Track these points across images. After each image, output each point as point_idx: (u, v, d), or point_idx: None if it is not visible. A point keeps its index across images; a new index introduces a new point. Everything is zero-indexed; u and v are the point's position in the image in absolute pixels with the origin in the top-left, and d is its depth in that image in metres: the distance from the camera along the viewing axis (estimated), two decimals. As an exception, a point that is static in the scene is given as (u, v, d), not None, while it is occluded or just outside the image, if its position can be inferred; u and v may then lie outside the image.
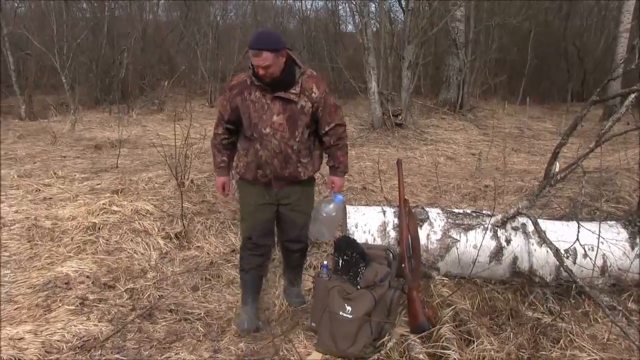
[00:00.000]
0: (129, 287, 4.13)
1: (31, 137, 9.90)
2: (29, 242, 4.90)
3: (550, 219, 3.96)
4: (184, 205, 5.54)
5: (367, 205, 4.48)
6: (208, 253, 4.80)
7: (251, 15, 22.47)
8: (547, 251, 3.49)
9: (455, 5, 12.96)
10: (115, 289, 4.10)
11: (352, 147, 9.44)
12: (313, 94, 3.24)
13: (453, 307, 3.35)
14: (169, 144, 9.41)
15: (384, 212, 3.82)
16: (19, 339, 3.34)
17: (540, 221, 3.60)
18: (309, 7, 22.19)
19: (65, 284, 4.13)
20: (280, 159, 3.28)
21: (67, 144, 9.20)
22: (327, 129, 3.35)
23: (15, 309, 3.74)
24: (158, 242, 4.88)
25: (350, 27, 23.03)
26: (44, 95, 15.17)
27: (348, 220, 3.77)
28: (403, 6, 12.58)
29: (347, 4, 16.79)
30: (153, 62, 17.92)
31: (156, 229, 5.13)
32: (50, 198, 6.05)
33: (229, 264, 4.53)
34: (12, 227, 5.18)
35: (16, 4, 21.13)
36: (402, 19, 13.86)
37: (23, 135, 9.92)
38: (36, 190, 6.27)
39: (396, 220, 3.75)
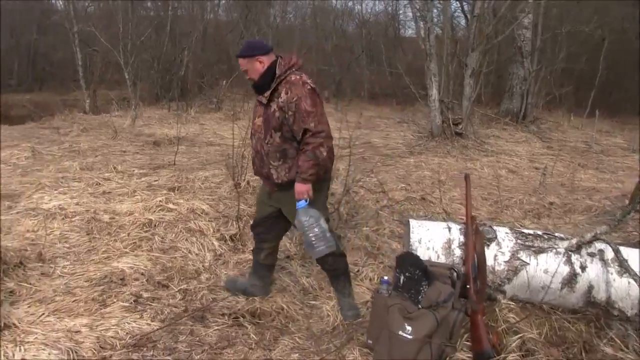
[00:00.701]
0: (182, 287, 4.09)
1: (94, 130, 10.11)
2: (87, 234, 4.94)
3: (629, 246, 3.70)
4: (240, 207, 5.50)
5: (431, 220, 4.32)
6: (262, 257, 4.71)
7: (310, 17, 22.53)
8: (629, 282, 3.25)
9: (522, 12, 12.59)
10: (169, 289, 4.06)
11: (410, 155, 9.25)
12: (280, 99, 3.31)
13: (520, 335, 3.16)
14: (226, 144, 9.46)
15: (449, 229, 3.65)
16: (76, 332, 3.35)
17: (620, 248, 3.36)
18: (369, 10, 21.99)
19: (121, 279, 4.13)
20: (258, 159, 3.55)
21: (127, 139, 9.35)
22: (299, 134, 3.31)
23: (74, 301, 3.74)
24: (213, 243, 4.83)
25: (409, 32, 22.83)
26: (106, 90, 15.53)
27: (411, 235, 3.62)
28: (467, 12, 12.28)
29: (409, 9, 16.69)
30: (212, 61, 18.16)
31: (211, 230, 5.09)
32: (109, 192, 6.11)
33: (283, 271, 4.43)
34: (73, 219, 5.23)
35: (86, 3, 21.86)
36: (466, 24, 13.62)
37: (86, 129, 10.15)
38: (96, 184, 6.34)
39: (462, 238, 3.57)
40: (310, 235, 3.32)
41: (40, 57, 25.56)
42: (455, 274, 3.33)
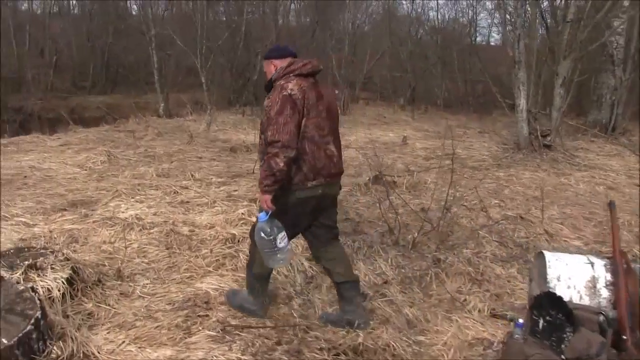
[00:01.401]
0: (273, 314, 3.66)
1: (168, 134, 9.93)
2: (167, 249, 4.60)
3: None
4: (326, 223, 5.05)
5: (564, 252, 3.74)
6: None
7: (384, 22, 22.03)
8: None
9: (617, 18, 11.69)
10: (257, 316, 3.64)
11: (499, 168, 8.60)
12: (265, 103, 3.27)
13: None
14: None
15: (592, 264, 3.08)
16: (160, 365, 2.97)
17: None
18: (445, 17, 21.16)
19: (205, 302, 3.74)
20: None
21: (202, 145, 9.09)
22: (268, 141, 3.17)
23: (156, 327, 3.38)
24: (302, 263, 4.39)
25: (482, 39, 22.04)
26: (178, 94, 15.48)
27: (548, 271, 3.07)
28: (559, 18, 11.49)
29: (496, 14, 15.94)
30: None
31: (300, 248, 4.65)
32: (188, 202, 5.78)
33: (383, 299, 3.94)
34: (151, 231, 4.92)
35: (160, 9, 22.09)
36: (546, 32, 12.81)
37: (161, 133, 9.98)
38: (174, 192, 6.04)
39: (609, 276, 3.00)
40: (264, 249, 3.24)
41: (114, 60, 26.03)
42: (604, 319, 2.76)
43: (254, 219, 5.23)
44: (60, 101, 23.04)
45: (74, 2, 30.43)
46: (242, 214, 5.29)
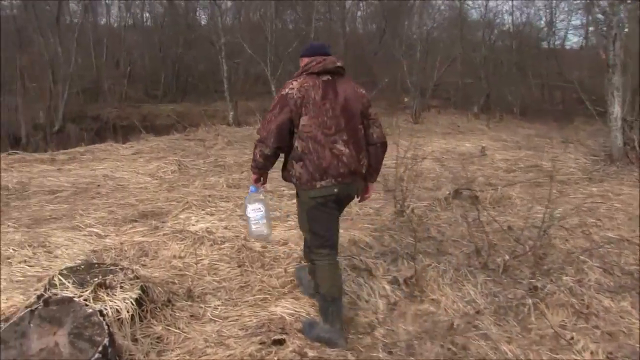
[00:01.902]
0: (354, 344, 3.31)
1: (238, 143, 9.79)
2: (239, 266, 4.34)
3: None
4: (407, 240, 4.69)
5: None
6: (446, 310, 3.83)
7: (456, 28, 21.43)
8: None
9: None
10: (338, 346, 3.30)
11: (590, 183, 7.94)
12: None
13: None
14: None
15: None
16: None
17: None
18: (519, 19, 20.27)
19: (281, 328, 3.43)
20: None
21: None
22: None
23: (228, 356, 3.10)
24: (384, 287, 4.02)
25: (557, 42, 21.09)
26: (247, 102, 15.44)
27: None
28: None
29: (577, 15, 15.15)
30: (353, 74, 17.61)
31: (381, 270, 4.30)
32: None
33: (476, 331, 3.52)
34: (222, 246, 4.68)
35: (228, 18, 22.28)
36: None
37: (231, 142, 9.85)
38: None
39: None
40: (252, 220, 3.52)
41: (184, 69, 26.53)
42: None
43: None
44: (134, 109, 23.61)
45: (147, 14, 31.23)
46: (317, 229, 4.98)
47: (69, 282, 3.15)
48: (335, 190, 3.18)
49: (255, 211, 3.50)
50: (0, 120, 14.21)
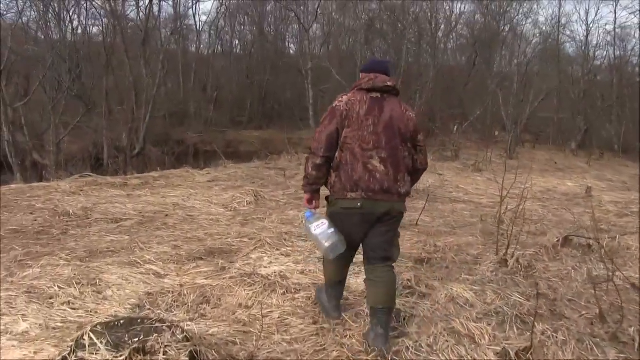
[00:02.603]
0: None
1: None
2: (314, 323, 3.61)
3: None
4: (514, 298, 3.84)
5: None
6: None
7: (554, 61, 20.19)
8: None
9: None
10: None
11: None
12: None
13: None
14: (473, 201, 7.82)
15: None
16: None
17: None
18: (614, 53, 18.64)
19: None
20: None
21: None
22: None
23: None
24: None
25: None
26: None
27: None
28: None
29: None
30: (442, 105, 16.78)
31: (486, 337, 3.44)
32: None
33: None
34: (296, 296, 3.97)
35: (317, 45, 22.09)
36: None
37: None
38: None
39: None
40: (317, 241, 3.35)
41: (270, 96, 26.58)
42: None
43: (423, 289, 4.17)
44: (218, 135, 23.77)
45: (237, 42, 31.76)
46: (408, 280, 4.21)
47: (101, 343, 2.53)
48: (359, 204, 3.21)
49: (319, 227, 3.32)
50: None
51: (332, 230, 3.28)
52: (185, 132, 23.42)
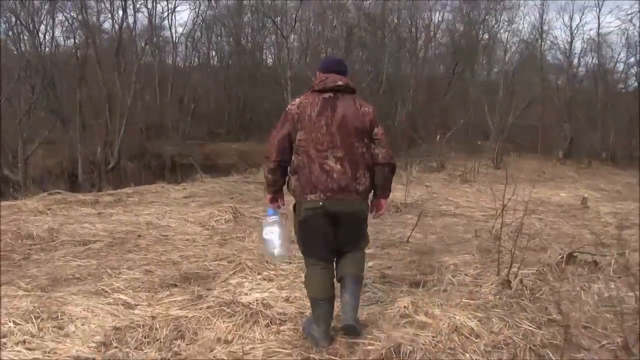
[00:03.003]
0: None
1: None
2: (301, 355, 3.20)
3: None
4: (523, 326, 3.48)
5: None
6: None
7: (533, 70, 20.09)
8: None
9: None
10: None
11: None
12: None
13: None
14: (464, 214, 7.46)
15: None
16: None
17: None
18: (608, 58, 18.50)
19: None
20: None
21: None
22: None
23: None
24: None
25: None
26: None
27: None
28: None
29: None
30: (425, 115, 16.53)
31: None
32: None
33: None
34: (282, 328, 3.56)
35: (296, 57, 21.76)
36: None
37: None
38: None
39: None
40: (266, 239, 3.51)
41: (248, 108, 26.23)
42: None
43: (422, 317, 3.77)
44: (195, 147, 23.25)
45: (213, 53, 31.34)
46: (405, 307, 3.81)
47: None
48: (321, 204, 3.23)
49: (269, 233, 3.48)
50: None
51: (280, 241, 3.46)
52: (162, 145, 22.87)
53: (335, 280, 3.43)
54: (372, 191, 3.43)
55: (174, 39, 29.60)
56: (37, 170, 18.75)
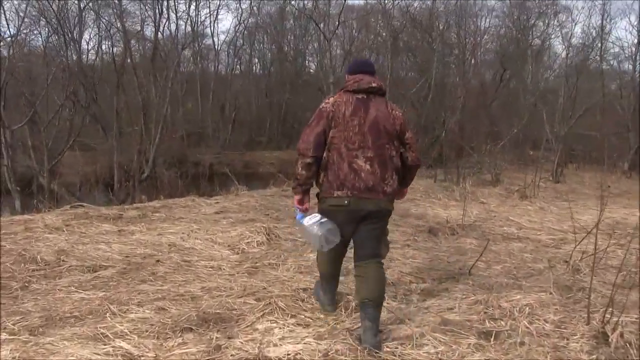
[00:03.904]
0: None
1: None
2: None
3: None
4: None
5: None
6: None
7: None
8: None
9: None
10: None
11: None
12: None
13: None
14: (530, 238, 6.52)
15: None
16: None
17: None
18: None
19: None
20: None
21: (391, 221, 6.85)
22: None
23: None
24: None
25: None
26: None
27: None
28: None
29: None
30: (475, 124, 15.52)
31: None
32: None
33: None
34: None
35: (339, 63, 21.06)
36: None
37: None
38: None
39: None
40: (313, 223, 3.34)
41: (290, 115, 25.76)
42: None
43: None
44: (236, 156, 22.80)
45: (256, 60, 30.97)
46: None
47: None
48: (346, 202, 3.27)
49: (312, 219, 3.37)
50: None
51: (325, 220, 3.31)
52: (201, 153, 22.54)
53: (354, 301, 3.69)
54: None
55: (216, 47, 29.38)
56: (77, 178, 18.55)
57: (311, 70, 28.93)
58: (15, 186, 11.44)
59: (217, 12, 34.56)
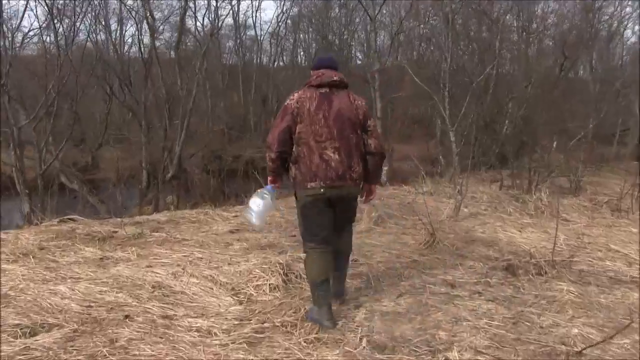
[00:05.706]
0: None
1: (392, 220, 6.39)
2: None
3: None
4: None
5: None
6: None
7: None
8: None
9: None
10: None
11: None
12: None
13: None
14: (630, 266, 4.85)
15: None
16: None
17: None
18: None
19: None
20: None
21: (450, 250, 5.17)
22: None
23: None
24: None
25: None
26: (402, 145, 12.16)
27: None
28: None
29: None
30: (540, 118, 13.69)
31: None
32: None
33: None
34: None
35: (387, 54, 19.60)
36: None
37: (382, 217, 6.45)
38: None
39: None
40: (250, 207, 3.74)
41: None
42: None
43: None
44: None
45: (300, 51, 29.77)
46: None
47: None
48: (322, 191, 3.48)
49: (254, 204, 3.71)
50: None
51: (261, 215, 3.73)
52: (242, 147, 21.61)
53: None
54: (364, 177, 3.67)
55: (259, 38, 28.24)
56: (111, 173, 17.68)
57: (358, 61, 27.52)
58: (24, 188, 10.32)
59: (260, 1, 33.42)
